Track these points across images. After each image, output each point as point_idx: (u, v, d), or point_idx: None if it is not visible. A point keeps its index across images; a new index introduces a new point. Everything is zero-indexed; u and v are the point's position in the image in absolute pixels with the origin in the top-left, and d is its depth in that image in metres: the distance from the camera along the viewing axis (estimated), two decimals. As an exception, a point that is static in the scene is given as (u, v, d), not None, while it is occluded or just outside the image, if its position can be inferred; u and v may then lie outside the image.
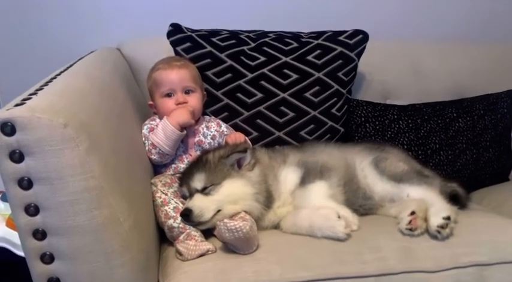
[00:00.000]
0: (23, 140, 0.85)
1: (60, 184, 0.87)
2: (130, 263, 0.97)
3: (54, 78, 1.16)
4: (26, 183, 0.88)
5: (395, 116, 1.78)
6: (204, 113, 1.63)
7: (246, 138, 1.57)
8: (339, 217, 1.20)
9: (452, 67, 2.04)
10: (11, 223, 1.48)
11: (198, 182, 1.28)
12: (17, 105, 0.90)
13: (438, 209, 1.25)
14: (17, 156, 0.86)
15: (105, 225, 0.92)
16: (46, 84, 1.09)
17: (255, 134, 1.65)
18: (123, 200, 0.97)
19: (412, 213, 1.24)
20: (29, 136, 0.85)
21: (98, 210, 0.91)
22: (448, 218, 1.22)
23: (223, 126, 1.58)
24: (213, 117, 1.63)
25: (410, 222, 1.23)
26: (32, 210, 0.89)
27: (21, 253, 1.34)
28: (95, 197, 0.90)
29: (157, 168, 1.47)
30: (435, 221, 1.21)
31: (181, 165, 1.46)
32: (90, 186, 0.89)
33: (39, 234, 0.91)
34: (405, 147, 1.73)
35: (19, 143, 0.85)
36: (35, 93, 0.98)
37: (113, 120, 1.15)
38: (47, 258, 0.93)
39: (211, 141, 1.53)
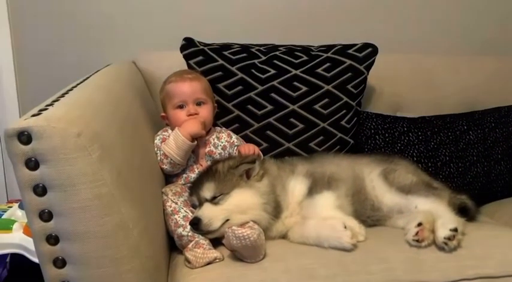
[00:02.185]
0: (38, 149, 0.89)
1: (72, 191, 0.91)
2: (139, 269, 0.99)
3: (71, 90, 1.21)
4: (40, 190, 0.91)
5: (405, 129, 1.79)
6: (215, 125, 1.66)
7: (259, 150, 1.60)
8: (345, 227, 1.21)
9: (464, 80, 2.05)
10: (27, 230, 1.52)
11: (207, 191, 1.30)
12: (33, 115, 0.94)
13: (446, 221, 1.24)
14: (32, 164, 0.90)
15: (114, 232, 0.95)
16: (62, 95, 1.13)
17: (264, 145, 1.68)
18: (133, 207, 1.00)
19: (419, 224, 1.24)
20: (44, 145, 0.89)
21: (109, 216, 0.94)
22: (456, 230, 1.22)
23: (234, 137, 1.61)
24: (224, 128, 1.67)
25: (417, 233, 1.23)
26: (46, 216, 0.93)
27: (36, 259, 1.38)
28: (106, 204, 0.93)
29: (169, 178, 1.51)
30: (442, 232, 1.21)
31: (192, 175, 1.49)
32: (101, 193, 0.93)
33: (52, 240, 0.95)
34: (415, 159, 1.74)
35: (35, 151, 0.89)
36: (51, 104, 1.03)
37: (126, 131, 1.19)
38: (59, 262, 0.96)
39: (222, 151, 1.56)
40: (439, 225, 1.24)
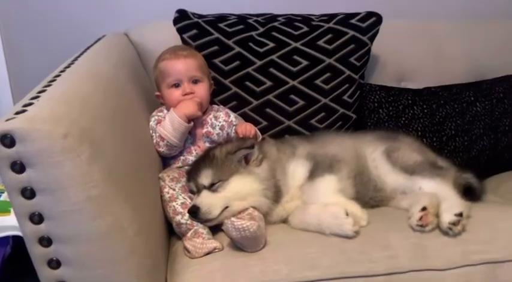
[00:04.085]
0: (23, 152, 0.84)
1: (62, 195, 0.87)
2: (136, 268, 0.97)
3: (59, 75, 1.15)
4: (28, 193, 0.87)
5: (410, 101, 1.72)
6: (212, 102, 1.60)
7: (257, 129, 1.55)
8: (347, 214, 1.18)
9: (472, 47, 1.96)
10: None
11: (205, 178, 1.27)
12: (17, 113, 0.89)
13: (450, 205, 1.21)
14: (18, 167, 0.85)
15: (109, 233, 0.92)
16: (49, 84, 1.07)
17: (264, 123, 1.62)
18: (127, 206, 0.96)
19: (424, 208, 1.21)
20: (29, 148, 0.84)
21: (101, 218, 0.90)
22: (460, 215, 1.18)
23: (232, 116, 1.55)
24: (221, 106, 1.60)
25: (421, 218, 1.20)
26: (36, 218, 0.89)
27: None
28: (98, 206, 0.90)
29: (166, 161, 1.47)
30: (447, 217, 1.18)
31: (190, 157, 1.45)
32: (92, 195, 0.89)
33: (45, 241, 0.91)
34: (419, 133, 1.69)
35: (19, 154, 0.84)
36: (36, 97, 0.97)
37: (118, 119, 1.14)
38: (54, 263, 0.93)
39: (220, 131, 1.50)
40: (444, 209, 1.21)
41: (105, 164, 0.93)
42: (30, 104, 0.93)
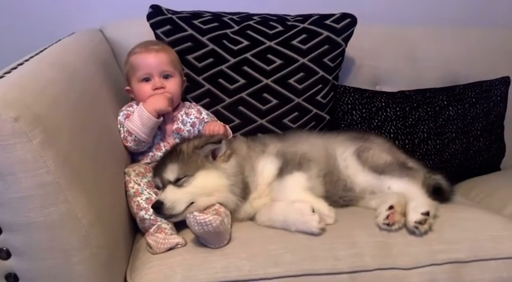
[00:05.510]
0: (-29, 134, 0.81)
1: (12, 180, 0.84)
2: (90, 260, 0.94)
3: (21, 64, 1.12)
4: (-24, 178, 0.84)
5: (383, 104, 1.72)
6: (184, 99, 1.58)
7: (227, 127, 1.53)
8: (313, 211, 1.17)
9: (447, 52, 1.97)
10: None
11: (170, 173, 1.24)
12: (-32, 95, 0.86)
13: (417, 204, 1.21)
14: (-35, 150, 0.82)
15: (61, 222, 0.89)
16: (9, 71, 1.04)
17: (237, 121, 1.60)
18: (82, 194, 0.93)
19: (391, 207, 1.21)
20: (-23, 130, 0.81)
21: (54, 206, 0.87)
22: (427, 214, 1.18)
23: (204, 113, 1.53)
24: (193, 103, 1.59)
25: (388, 217, 1.19)
26: (-16, 206, 0.86)
27: None
28: (50, 193, 0.87)
29: (135, 157, 1.44)
30: (413, 216, 1.18)
31: (159, 153, 1.42)
32: (44, 181, 0.86)
33: (-6, 230, 0.89)
34: (392, 136, 1.69)
35: (-33, 137, 0.82)
36: (-8, 82, 0.94)
37: (80, 111, 1.11)
38: (3, 254, 0.90)
39: (191, 128, 1.48)
40: (411, 208, 1.21)
41: (60, 151, 0.90)
42: (-15, 88, 0.91)
